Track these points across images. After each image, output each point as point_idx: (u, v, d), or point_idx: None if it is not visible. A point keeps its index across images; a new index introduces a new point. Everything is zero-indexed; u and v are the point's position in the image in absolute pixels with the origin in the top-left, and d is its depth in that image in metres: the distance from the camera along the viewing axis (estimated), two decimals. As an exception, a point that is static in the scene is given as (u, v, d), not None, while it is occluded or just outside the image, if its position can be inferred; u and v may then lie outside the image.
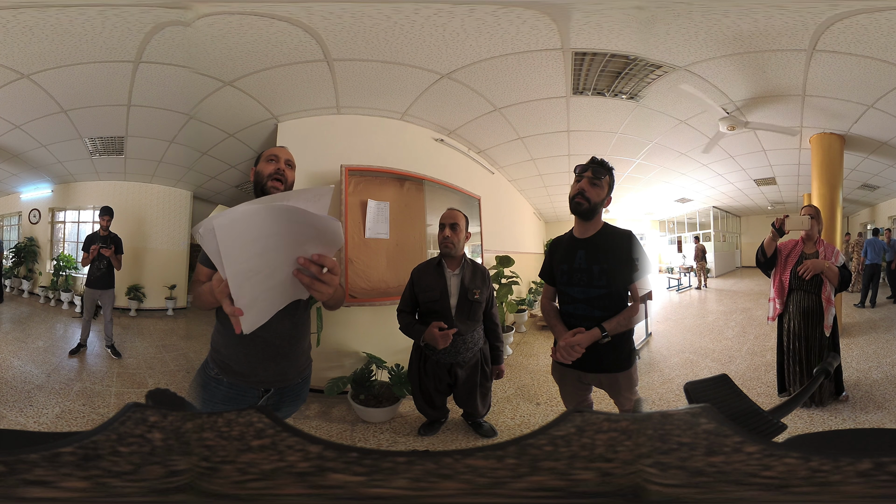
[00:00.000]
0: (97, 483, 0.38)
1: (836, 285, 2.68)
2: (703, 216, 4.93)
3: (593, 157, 1.89)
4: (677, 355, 3.69)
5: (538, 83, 2.99)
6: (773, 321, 2.93)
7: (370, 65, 2.74)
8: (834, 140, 3.44)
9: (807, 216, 2.73)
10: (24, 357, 3.24)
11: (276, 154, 1.59)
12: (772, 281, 2.92)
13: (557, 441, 0.43)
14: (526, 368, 3.48)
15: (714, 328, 4.14)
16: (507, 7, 2.29)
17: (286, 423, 0.46)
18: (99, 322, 3.43)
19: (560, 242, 2.01)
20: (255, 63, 2.67)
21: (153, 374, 3.19)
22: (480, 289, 2.48)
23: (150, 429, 0.44)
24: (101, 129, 3.35)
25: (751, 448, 0.41)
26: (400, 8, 2.28)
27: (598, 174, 1.83)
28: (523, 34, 2.48)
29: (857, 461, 0.38)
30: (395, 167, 3.38)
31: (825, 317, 2.71)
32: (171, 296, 3.92)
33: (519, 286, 3.85)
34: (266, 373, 1.51)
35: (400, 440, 2.62)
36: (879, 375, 3.03)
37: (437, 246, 2.51)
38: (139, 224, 3.83)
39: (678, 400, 2.79)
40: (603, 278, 1.81)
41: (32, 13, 2.27)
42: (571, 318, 1.87)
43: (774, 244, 2.81)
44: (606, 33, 2.47)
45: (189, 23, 2.35)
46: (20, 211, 3.99)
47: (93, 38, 2.43)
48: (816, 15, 2.28)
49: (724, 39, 2.49)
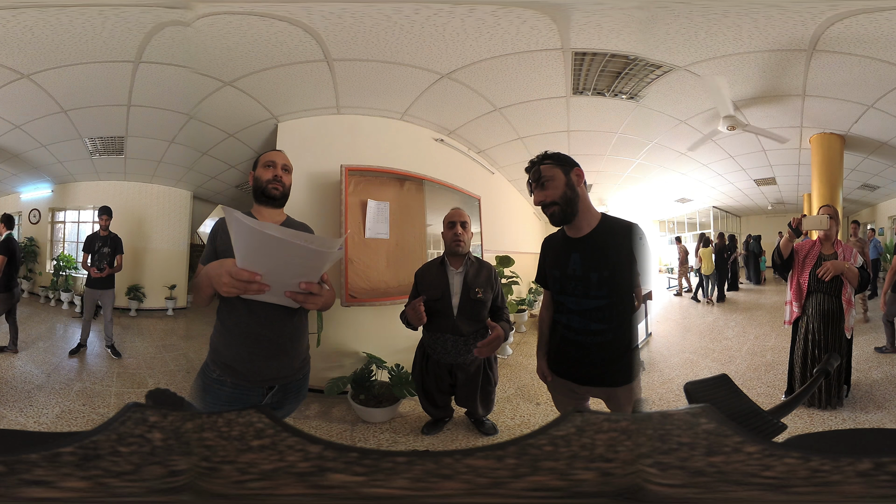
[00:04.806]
0: (97, 483, 0.38)
1: (855, 286, 2.60)
2: (703, 216, 4.93)
3: (531, 161, 1.63)
4: (677, 355, 3.69)
5: (538, 83, 2.99)
6: (790, 325, 2.82)
7: (370, 65, 2.74)
8: (834, 140, 3.44)
9: (826, 216, 2.61)
10: (24, 357, 3.24)
11: (273, 160, 1.64)
12: (789, 284, 2.80)
13: (557, 441, 0.43)
14: (526, 368, 3.48)
15: (714, 328, 4.14)
16: (507, 7, 2.29)
17: (286, 423, 0.46)
18: (99, 322, 3.43)
19: (552, 243, 1.73)
20: (255, 63, 2.67)
21: (153, 374, 3.19)
22: (484, 288, 2.43)
23: (150, 429, 0.44)
24: (101, 129, 3.35)
25: (751, 448, 0.41)
26: (400, 8, 2.28)
27: (539, 176, 1.56)
28: (523, 34, 2.47)
29: (857, 461, 0.38)
30: (395, 167, 3.38)
31: (846, 318, 2.63)
32: (171, 296, 3.92)
33: (519, 286, 3.85)
34: (269, 370, 1.52)
35: (400, 440, 2.62)
36: (879, 375, 3.03)
37: (439, 245, 2.50)
38: (139, 224, 3.83)
39: (678, 400, 2.78)
40: (603, 288, 1.54)
41: (32, 13, 2.27)
42: (567, 331, 1.64)
43: (791, 245, 2.70)
44: (606, 33, 2.46)
45: (189, 23, 2.35)
46: (20, 211, 3.98)
47: (93, 38, 2.43)
48: (816, 15, 2.28)
49: (724, 39, 2.49)
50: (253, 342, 1.49)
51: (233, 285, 1.06)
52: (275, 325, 1.50)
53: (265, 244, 0.99)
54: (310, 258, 1.04)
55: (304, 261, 1.05)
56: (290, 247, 1.00)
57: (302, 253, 1.02)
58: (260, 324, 1.48)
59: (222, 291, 1.12)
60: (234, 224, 0.96)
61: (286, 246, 0.99)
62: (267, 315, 1.47)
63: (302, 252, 1.02)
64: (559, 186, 1.54)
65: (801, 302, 2.76)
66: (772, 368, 3.17)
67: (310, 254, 1.03)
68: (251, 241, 0.99)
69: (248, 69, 2.72)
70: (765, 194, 4.57)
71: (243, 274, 1.04)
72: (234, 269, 1.04)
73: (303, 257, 1.04)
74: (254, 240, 0.99)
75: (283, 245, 0.99)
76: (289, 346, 1.56)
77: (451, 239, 2.43)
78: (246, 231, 0.97)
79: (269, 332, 1.50)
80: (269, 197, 1.61)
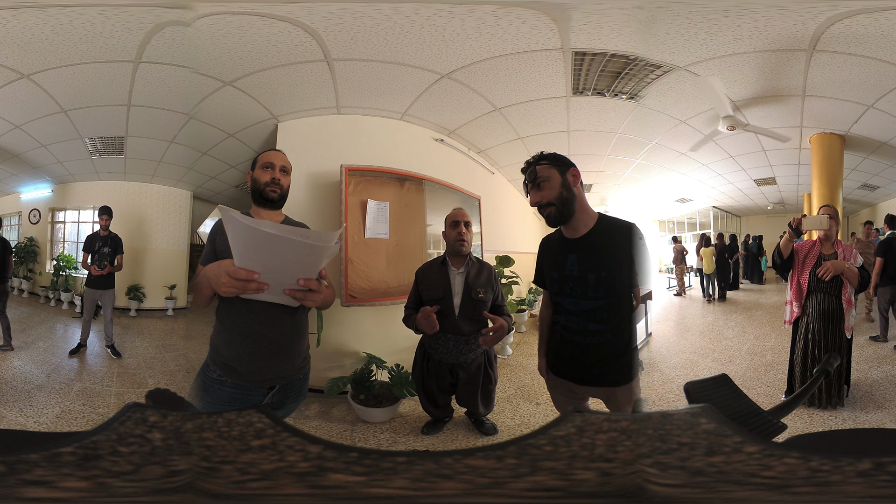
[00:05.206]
0: (97, 483, 0.38)
1: (855, 286, 2.61)
2: (703, 216, 4.93)
3: (527, 161, 1.63)
4: (677, 355, 3.70)
5: (538, 83, 2.99)
6: (790, 325, 2.83)
7: (370, 65, 2.74)
8: (834, 140, 3.44)
9: (826, 216, 2.62)
10: (24, 357, 3.24)
11: (271, 161, 1.64)
12: (789, 283, 2.81)
13: (557, 441, 0.43)
14: (526, 368, 3.48)
15: (714, 328, 4.14)
16: (507, 7, 2.29)
17: (286, 423, 0.46)
18: (99, 322, 3.43)
19: (549, 244, 1.73)
20: (255, 63, 2.67)
21: (153, 374, 3.19)
22: (485, 288, 2.43)
23: (150, 429, 0.44)
24: (101, 129, 3.35)
25: (751, 448, 0.41)
26: (400, 8, 2.28)
27: (535, 176, 1.56)
28: (523, 34, 2.48)
29: (857, 461, 0.38)
30: (395, 167, 3.38)
31: (846, 318, 2.64)
32: (171, 296, 3.92)
33: (519, 286, 3.85)
34: (270, 370, 1.52)
35: (400, 440, 2.62)
36: (879, 375, 3.03)
37: (439, 245, 2.50)
38: (139, 224, 3.83)
39: (678, 400, 2.79)
40: (601, 289, 1.54)
41: (32, 13, 2.27)
42: (565, 331, 1.64)
43: (791, 245, 2.71)
44: (606, 33, 2.46)
45: (189, 23, 2.35)
46: (20, 211, 3.99)
47: (93, 38, 2.43)
48: (816, 15, 2.28)
49: (723, 39, 2.49)
50: (253, 342, 1.49)
51: (231, 285, 1.07)
52: (275, 325, 1.50)
53: (262, 242, 0.99)
54: (307, 254, 1.05)
55: (301, 257, 1.06)
56: (287, 243, 1.00)
57: (299, 249, 1.03)
58: (260, 323, 1.48)
59: (221, 292, 1.12)
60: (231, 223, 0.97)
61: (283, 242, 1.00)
62: (267, 314, 1.47)
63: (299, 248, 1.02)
64: (555, 187, 1.54)
65: (801, 302, 2.76)
66: (772, 368, 3.18)
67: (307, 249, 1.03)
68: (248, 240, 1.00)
69: (248, 69, 2.72)
70: (765, 194, 4.58)
71: (241, 273, 1.04)
72: (233, 269, 1.05)
73: (300, 253, 1.04)
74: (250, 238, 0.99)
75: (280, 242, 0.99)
76: (290, 346, 1.56)
77: (455, 239, 2.42)
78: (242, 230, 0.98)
79: (270, 332, 1.50)
80: (266, 199, 1.61)
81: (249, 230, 0.97)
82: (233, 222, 0.96)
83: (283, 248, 1.01)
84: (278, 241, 0.99)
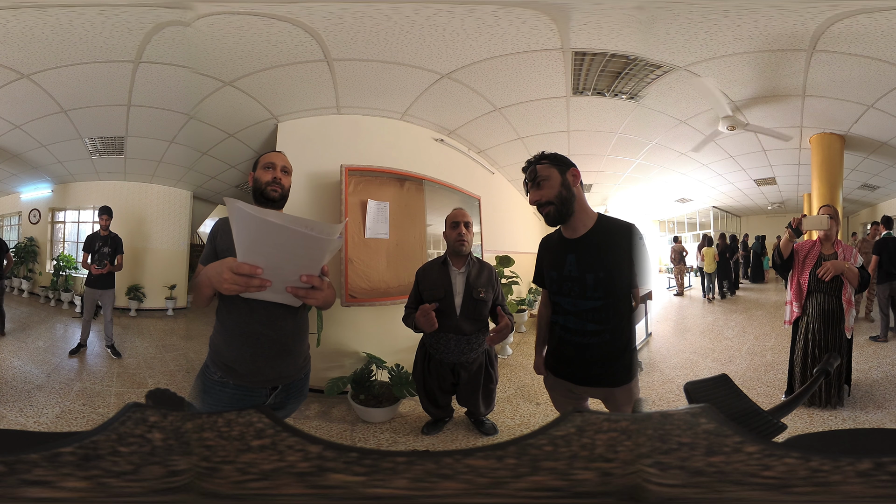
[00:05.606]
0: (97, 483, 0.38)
1: (855, 286, 2.61)
2: (703, 216, 4.93)
3: (527, 161, 1.64)
4: (677, 355, 3.69)
5: (538, 83, 2.99)
6: (790, 325, 2.83)
7: (370, 65, 2.74)
8: (834, 140, 3.44)
9: (826, 216, 2.62)
10: (24, 357, 3.24)
11: (272, 161, 1.64)
12: (789, 284, 2.81)
13: (557, 441, 0.43)
14: (526, 368, 3.47)
15: (714, 328, 4.14)
16: (507, 7, 2.29)
17: (286, 423, 0.46)
18: (99, 322, 3.43)
19: (549, 244, 1.73)
20: (255, 63, 2.67)
21: (153, 374, 3.19)
22: (486, 287, 2.44)
23: (150, 429, 0.44)
24: (101, 129, 3.35)
25: (751, 448, 0.41)
26: (400, 8, 2.28)
27: (535, 175, 1.57)
28: (523, 34, 2.47)
29: (857, 461, 0.38)
30: (395, 167, 3.38)
31: (846, 318, 2.64)
32: (171, 296, 3.92)
33: (519, 286, 3.85)
34: (273, 371, 1.52)
35: (400, 440, 2.62)
36: (879, 375, 3.03)
37: (439, 245, 2.50)
38: (139, 224, 3.83)
39: (678, 400, 2.78)
40: (599, 289, 1.54)
41: (32, 13, 2.27)
42: (563, 331, 1.64)
43: (791, 245, 2.71)
44: (606, 33, 2.46)
45: (189, 23, 2.35)
46: (20, 211, 3.98)
47: (93, 38, 2.43)
48: (816, 15, 2.28)
49: (723, 39, 2.49)
50: (255, 342, 1.48)
51: (234, 281, 1.05)
52: (277, 325, 1.50)
53: (266, 232, 0.99)
54: (310, 246, 1.04)
55: (304, 250, 1.05)
56: (291, 234, 0.99)
57: (302, 241, 1.02)
58: (262, 323, 1.48)
59: (223, 289, 1.10)
60: (235, 213, 0.96)
61: (287, 233, 0.99)
62: (268, 314, 1.47)
63: (303, 240, 1.02)
64: (554, 186, 1.54)
65: (801, 302, 2.76)
66: (772, 368, 3.17)
67: (310, 241, 1.03)
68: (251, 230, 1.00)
69: (248, 69, 2.72)
70: (765, 194, 4.58)
71: (245, 268, 1.03)
72: (235, 264, 1.04)
73: (303, 246, 1.04)
74: (254, 228, 0.99)
75: (284, 232, 0.99)
76: (292, 346, 1.56)
77: (455, 239, 2.42)
78: (246, 219, 0.97)
79: (272, 332, 1.49)
80: (267, 199, 1.61)
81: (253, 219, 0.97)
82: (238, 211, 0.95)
83: (288, 239, 1.00)
84: (282, 232, 0.98)
